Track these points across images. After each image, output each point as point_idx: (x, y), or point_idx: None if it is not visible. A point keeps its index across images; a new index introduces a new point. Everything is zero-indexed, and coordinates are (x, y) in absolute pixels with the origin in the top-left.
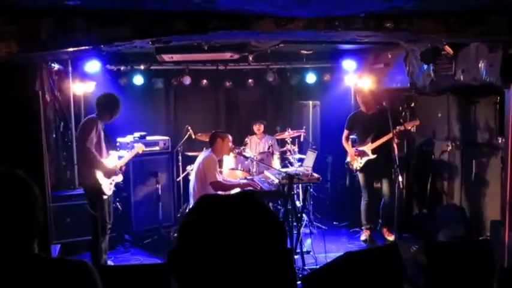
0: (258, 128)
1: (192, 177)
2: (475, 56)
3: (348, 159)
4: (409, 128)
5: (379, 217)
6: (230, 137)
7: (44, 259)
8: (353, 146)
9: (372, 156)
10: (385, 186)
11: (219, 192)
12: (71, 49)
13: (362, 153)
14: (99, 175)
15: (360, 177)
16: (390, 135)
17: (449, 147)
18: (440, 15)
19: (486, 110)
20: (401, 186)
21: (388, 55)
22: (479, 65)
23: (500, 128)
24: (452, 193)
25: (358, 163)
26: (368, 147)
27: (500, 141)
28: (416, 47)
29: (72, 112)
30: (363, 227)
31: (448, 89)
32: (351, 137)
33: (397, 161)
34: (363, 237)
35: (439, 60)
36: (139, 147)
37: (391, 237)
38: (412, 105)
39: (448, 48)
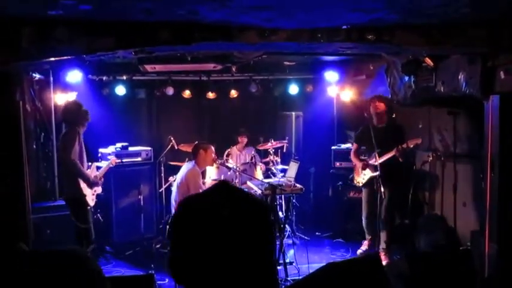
0: (242, 140)
1: (174, 189)
2: (455, 68)
3: (353, 174)
4: (411, 146)
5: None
6: (213, 148)
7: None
8: (363, 159)
9: (374, 174)
10: (385, 202)
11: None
12: (52, 59)
13: (366, 167)
14: (83, 186)
15: (363, 192)
16: (393, 153)
17: (430, 158)
18: (421, 28)
19: (466, 121)
20: (383, 197)
21: (370, 67)
22: (459, 77)
23: (480, 139)
24: (433, 203)
25: (361, 178)
26: (373, 163)
27: (480, 152)
28: (397, 59)
29: (54, 122)
30: (366, 237)
31: (429, 100)
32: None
33: (380, 171)
34: (359, 251)
35: (420, 72)
36: (113, 159)
37: (385, 261)
38: (394, 116)
39: (428, 60)
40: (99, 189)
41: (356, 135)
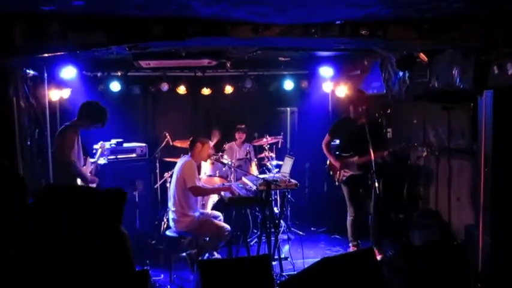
0: (240, 136)
1: (172, 185)
2: (449, 63)
3: (328, 163)
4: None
5: (370, 235)
6: (211, 144)
7: None
8: (336, 154)
9: (357, 173)
10: (376, 198)
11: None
12: (45, 55)
13: (347, 166)
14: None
15: (344, 190)
16: (383, 154)
17: (425, 153)
18: (414, 23)
19: (461, 116)
20: (377, 192)
21: (365, 62)
22: (453, 72)
23: (474, 134)
24: (427, 198)
25: (342, 175)
26: (356, 161)
27: (474, 147)
28: (392, 54)
29: (48, 119)
30: (350, 244)
31: (423, 95)
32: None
33: (374, 166)
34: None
35: (414, 67)
36: (103, 146)
37: (378, 256)
38: (389, 111)
39: (422, 56)
40: (94, 185)
41: (332, 126)
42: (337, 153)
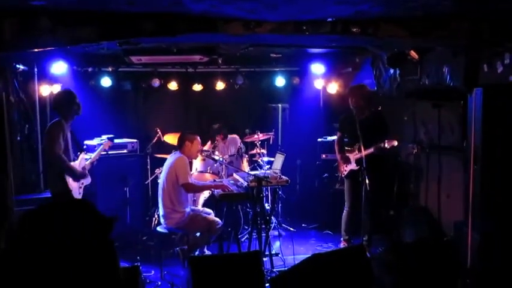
0: (220, 137)
1: (161, 180)
2: (439, 61)
3: (337, 163)
4: (388, 147)
5: (361, 232)
6: (199, 139)
7: None
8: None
9: (355, 167)
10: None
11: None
12: (35, 50)
13: (347, 160)
14: (69, 181)
15: (346, 184)
16: (371, 151)
17: (415, 150)
18: (405, 21)
19: (450, 113)
20: (367, 189)
21: (356, 59)
22: (443, 70)
23: (463, 132)
24: (418, 195)
25: (343, 169)
26: (353, 156)
27: (463, 144)
28: (383, 52)
29: (38, 114)
30: (341, 239)
31: (414, 93)
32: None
33: (364, 163)
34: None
35: (405, 65)
36: (105, 143)
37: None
38: (379, 108)
39: (413, 53)
40: (87, 180)
41: (339, 123)
42: (348, 148)
